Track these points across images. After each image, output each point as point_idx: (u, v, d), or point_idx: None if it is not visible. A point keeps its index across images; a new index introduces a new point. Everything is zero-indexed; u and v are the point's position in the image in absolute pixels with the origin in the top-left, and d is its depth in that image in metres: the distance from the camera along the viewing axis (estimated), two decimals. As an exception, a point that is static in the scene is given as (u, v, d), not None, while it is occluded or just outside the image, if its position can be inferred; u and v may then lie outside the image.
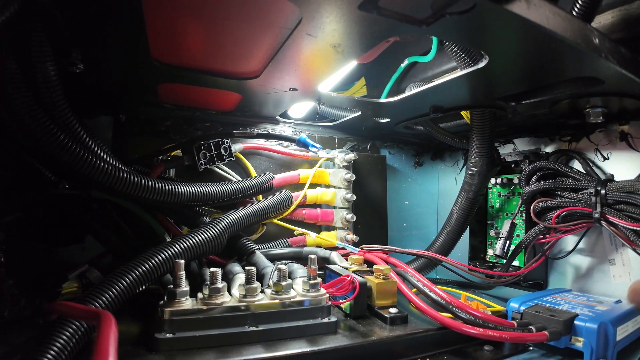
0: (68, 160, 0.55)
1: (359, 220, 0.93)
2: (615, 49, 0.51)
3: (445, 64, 0.74)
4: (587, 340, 0.57)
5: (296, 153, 0.92)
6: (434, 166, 1.18)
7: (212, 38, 0.52)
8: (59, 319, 0.43)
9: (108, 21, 0.46)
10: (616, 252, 0.77)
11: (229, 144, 0.80)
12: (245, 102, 0.77)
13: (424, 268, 0.87)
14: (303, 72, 0.61)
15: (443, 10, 0.40)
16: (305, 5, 0.40)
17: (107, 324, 0.32)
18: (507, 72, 0.58)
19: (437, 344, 0.59)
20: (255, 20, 0.47)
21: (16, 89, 0.49)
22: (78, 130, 0.57)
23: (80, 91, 0.58)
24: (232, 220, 0.68)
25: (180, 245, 0.58)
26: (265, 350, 0.48)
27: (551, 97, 0.63)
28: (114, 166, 0.59)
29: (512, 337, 0.55)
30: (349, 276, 0.60)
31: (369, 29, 0.45)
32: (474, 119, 0.78)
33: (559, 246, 0.85)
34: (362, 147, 1.06)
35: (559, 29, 0.44)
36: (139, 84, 0.67)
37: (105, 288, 0.48)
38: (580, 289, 0.81)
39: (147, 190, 0.62)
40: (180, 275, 0.51)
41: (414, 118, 0.83)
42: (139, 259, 0.54)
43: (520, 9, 0.40)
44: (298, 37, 0.48)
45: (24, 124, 0.51)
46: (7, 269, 0.56)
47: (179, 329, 0.48)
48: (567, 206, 0.76)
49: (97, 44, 0.52)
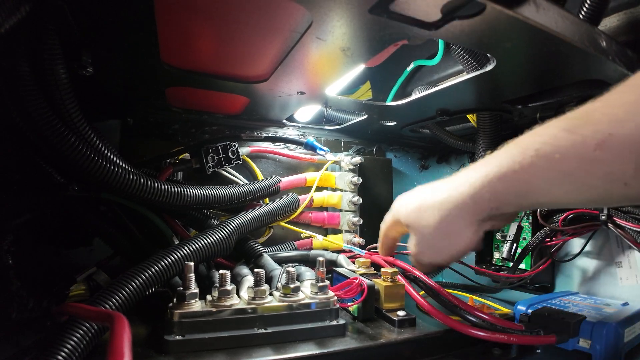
0: (78, 162, 0.56)
1: (366, 223, 0.93)
2: (622, 52, 0.51)
3: (451, 67, 0.75)
4: (594, 343, 0.57)
5: (303, 156, 0.92)
6: (440, 169, 1.18)
7: (222, 42, 0.52)
8: (69, 321, 0.43)
9: (119, 24, 0.46)
10: (623, 255, 0.77)
11: (236, 147, 0.80)
12: (253, 106, 0.78)
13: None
14: (311, 76, 0.61)
15: (452, 13, 0.41)
16: (317, 9, 0.40)
17: (121, 325, 0.32)
18: (514, 75, 0.58)
19: (445, 347, 0.59)
20: (265, 24, 0.47)
21: (28, 91, 0.50)
22: (88, 133, 0.58)
23: (89, 94, 0.59)
24: (239, 222, 0.69)
25: (189, 247, 0.59)
26: (274, 352, 0.48)
27: (558, 100, 0.63)
28: (124, 169, 0.60)
29: (520, 339, 0.55)
30: (357, 279, 0.60)
31: (378, 33, 0.45)
32: (481, 122, 0.78)
33: (566, 249, 0.84)
34: (367, 150, 1.06)
35: (568, 32, 0.44)
36: (148, 88, 0.68)
37: (116, 290, 0.48)
38: (587, 291, 0.81)
39: (156, 192, 0.62)
40: (190, 278, 0.51)
41: (420, 121, 0.83)
42: (149, 261, 0.54)
43: (529, 12, 0.40)
44: (308, 40, 0.48)
45: (35, 126, 0.52)
46: (15, 270, 0.57)
47: (189, 331, 0.48)
48: (574, 209, 0.76)
49: (108, 47, 0.53)
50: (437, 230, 0.46)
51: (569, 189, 0.34)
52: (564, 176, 0.34)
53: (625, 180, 0.31)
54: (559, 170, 0.34)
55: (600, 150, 0.31)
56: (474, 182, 0.41)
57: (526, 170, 0.36)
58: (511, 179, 0.38)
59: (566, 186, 0.34)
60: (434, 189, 0.49)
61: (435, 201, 0.46)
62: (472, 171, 0.43)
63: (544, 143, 0.35)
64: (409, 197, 0.54)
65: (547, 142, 0.35)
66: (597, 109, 0.32)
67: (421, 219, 0.48)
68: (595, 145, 0.31)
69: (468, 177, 0.43)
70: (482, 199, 0.40)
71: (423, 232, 0.49)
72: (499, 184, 0.39)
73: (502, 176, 0.38)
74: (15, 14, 0.38)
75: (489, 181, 0.40)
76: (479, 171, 0.41)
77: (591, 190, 0.33)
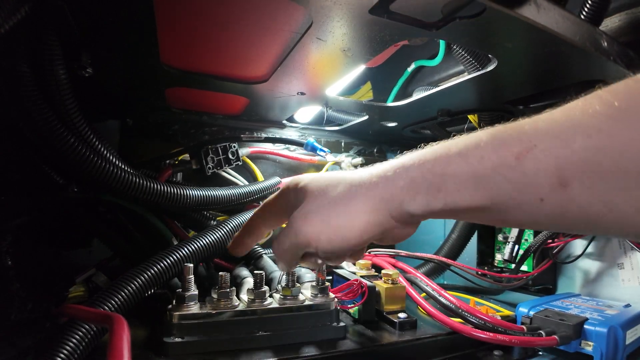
0: (77, 163, 0.55)
1: (366, 225, 0.93)
2: (624, 52, 0.51)
3: (452, 67, 0.75)
4: (597, 345, 0.57)
5: (303, 157, 0.92)
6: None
7: (222, 42, 0.52)
8: (68, 322, 0.43)
9: (119, 24, 0.46)
10: (625, 256, 0.77)
11: (236, 148, 0.80)
12: (253, 107, 0.78)
13: (433, 273, 0.87)
14: (311, 76, 0.61)
15: (453, 14, 0.40)
16: (317, 9, 0.40)
17: (120, 326, 0.32)
18: (516, 76, 0.58)
19: (446, 349, 0.58)
20: (265, 24, 0.47)
21: (28, 91, 0.50)
22: (87, 134, 0.57)
23: (89, 95, 0.59)
24: (239, 223, 0.68)
25: (188, 248, 0.58)
26: (275, 354, 0.48)
27: (559, 101, 0.62)
28: (123, 169, 0.59)
29: (522, 341, 0.55)
30: (358, 281, 0.60)
31: (379, 33, 0.45)
32: (482, 123, 0.78)
33: (568, 250, 0.84)
34: (368, 151, 1.06)
35: (569, 33, 0.44)
36: (148, 88, 0.68)
37: (115, 291, 0.48)
38: (589, 293, 0.81)
39: (155, 193, 0.62)
40: (189, 279, 0.51)
41: (421, 122, 0.83)
42: (148, 262, 0.54)
43: (530, 12, 0.40)
44: (308, 41, 0.48)
45: (35, 126, 0.52)
46: (14, 271, 0.57)
47: (188, 333, 0.48)
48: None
49: (108, 47, 0.53)
50: (340, 200, 0.39)
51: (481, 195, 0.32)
52: (477, 179, 0.31)
53: (541, 195, 0.29)
54: (473, 172, 0.31)
55: (520, 159, 0.29)
56: (394, 166, 0.37)
57: (443, 164, 0.33)
58: (427, 170, 0.34)
59: (479, 192, 0.32)
60: (356, 170, 0.42)
61: (349, 177, 0.40)
62: (398, 158, 0.39)
63: (466, 145, 0.32)
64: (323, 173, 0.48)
65: (470, 143, 0.32)
66: (527, 122, 0.30)
67: (327, 188, 0.40)
68: (518, 153, 0.29)
69: (392, 162, 0.38)
70: (395, 185, 0.36)
71: (322, 201, 0.40)
72: (416, 171, 0.35)
73: (420, 164, 0.35)
74: (15, 14, 0.38)
75: (407, 168, 0.36)
76: (404, 158, 0.37)
77: (506, 200, 0.31)
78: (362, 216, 0.37)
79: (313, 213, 0.40)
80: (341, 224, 0.38)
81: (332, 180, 0.40)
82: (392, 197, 0.36)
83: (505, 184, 0.30)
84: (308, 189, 0.41)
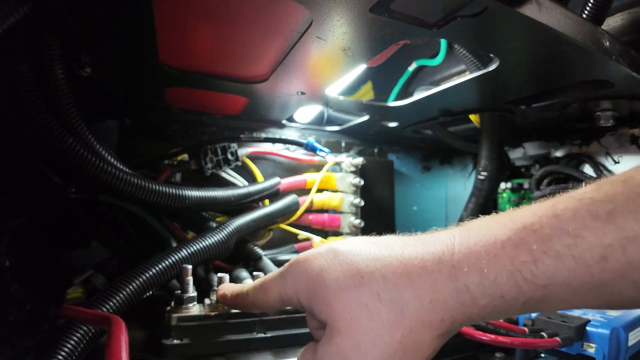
0: (75, 163, 0.55)
1: (367, 226, 0.92)
2: (626, 52, 0.51)
3: (453, 67, 0.74)
4: (599, 346, 0.56)
5: (303, 157, 0.91)
6: (442, 171, 1.17)
7: (221, 42, 0.52)
8: (66, 323, 0.43)
9: (119, 24, 0.46)
10: (627, 258, 0.76)
11: (235, 148, 0.79)
12: (252, 107, 0.77)
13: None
14: (311, 76, 0.61)
15: (454, 13, 0.40)
16: (317, 8, 0.40)
17: (118, 328, 0.32)
18: (517, 75, 0.58)
19: (446, 351, 0.57)
20: (265, 23, 0.47)
21: (27, 92, 0.50)
22: (86, 134, 0.57)
23: (88, 95, 0.59)
24: (238, 224, 0.68)
25: (187, 250, 0.58)
26: (274, 356, 0.48)
27: (561, 101, 0.62)
28: (122, 170, 0.59)
29: (524, 343, 0.54)
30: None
31: (379, 32, 0.44)
32: (484, 123, 0.77)
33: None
34: (368, 151, 1.06)
35: (570, 32, 0.43)
36: (147, 88, 0.68)
37: (113, 293, 0.48)
38: (591, 294, 0.80)
39: (154, 194, 0.62)
40: (188, 281, 0.50)
41: (422, 122, 0.83)
42: (146, 264, 0.53)
43: (531, 11, 0.40)
44: (308, 40, 0.48)
45: (34, 126, 0.51)
46: (13, 272, 0.56)
47: (187, 335, 0.48)
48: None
49: (107, 47, 0.52)
50: (391, 341, 0.27)
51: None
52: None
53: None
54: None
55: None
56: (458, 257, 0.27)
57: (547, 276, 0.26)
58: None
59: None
60: (383, 250, 0.30)
61: (390, 283, 0.27)
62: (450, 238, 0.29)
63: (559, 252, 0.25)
64: (326, 255, 0.31)
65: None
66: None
67: (358, 313, 0.27)
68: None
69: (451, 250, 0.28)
70: (459, 300, 0.27)
71: (358, 340, 0.27)
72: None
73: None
74: (15, 14, 0.38)
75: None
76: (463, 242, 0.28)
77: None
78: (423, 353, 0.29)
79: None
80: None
81: (358, 283, 0.28)
82: (453, 317, 0.29)
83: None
84: (319, 313, 0.29)
